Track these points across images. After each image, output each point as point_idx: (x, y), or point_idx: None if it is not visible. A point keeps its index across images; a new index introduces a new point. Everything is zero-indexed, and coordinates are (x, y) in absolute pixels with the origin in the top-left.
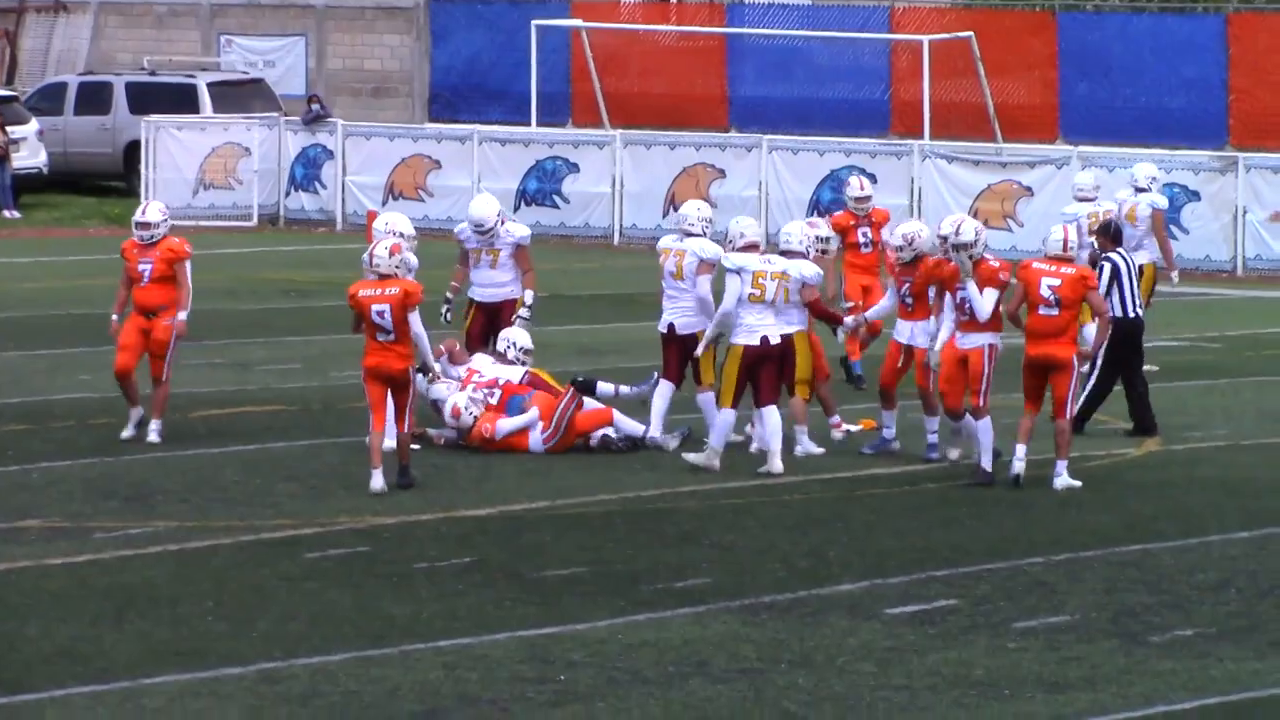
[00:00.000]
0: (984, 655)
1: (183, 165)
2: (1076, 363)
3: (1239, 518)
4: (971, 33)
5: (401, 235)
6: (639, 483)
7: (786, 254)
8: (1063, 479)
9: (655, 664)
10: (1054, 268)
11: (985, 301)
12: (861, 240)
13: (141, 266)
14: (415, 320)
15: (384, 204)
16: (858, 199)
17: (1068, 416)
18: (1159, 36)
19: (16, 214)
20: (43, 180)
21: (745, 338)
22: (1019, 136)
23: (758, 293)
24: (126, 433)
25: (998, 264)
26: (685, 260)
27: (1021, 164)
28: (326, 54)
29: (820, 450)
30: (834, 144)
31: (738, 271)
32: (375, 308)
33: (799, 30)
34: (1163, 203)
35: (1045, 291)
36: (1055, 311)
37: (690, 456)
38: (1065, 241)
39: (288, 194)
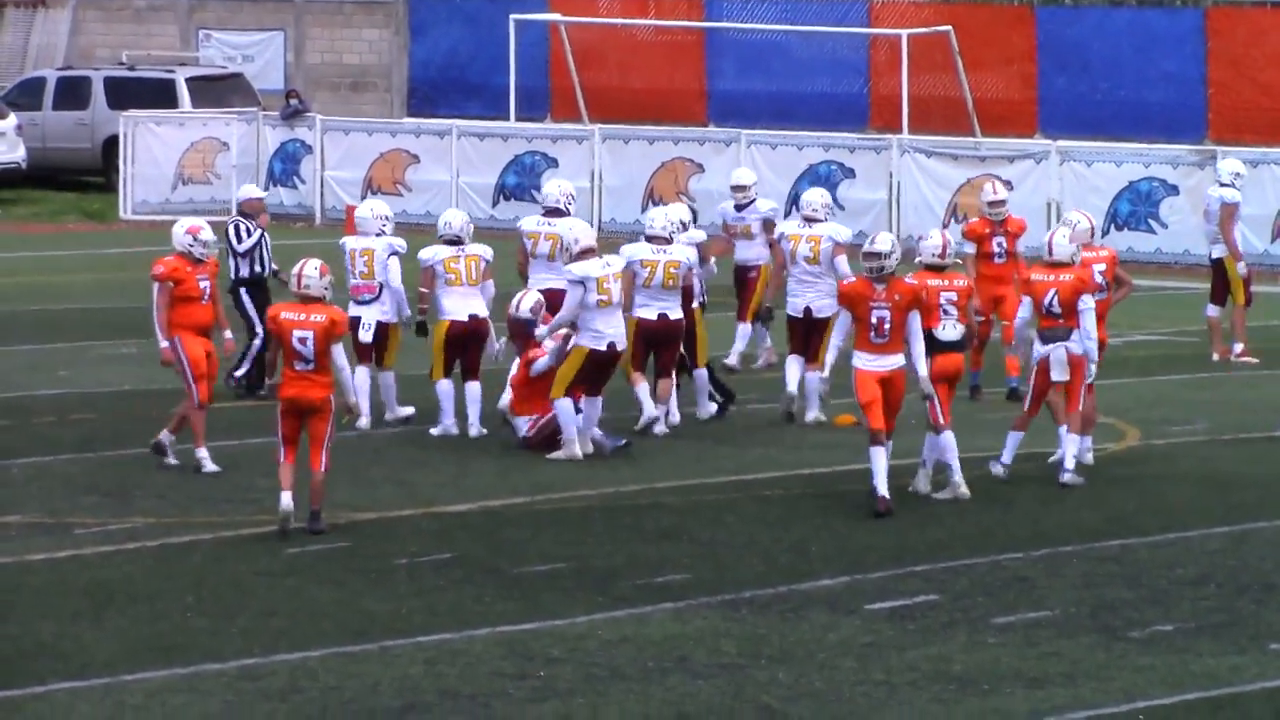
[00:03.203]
0: (963, 650)
1: (161, 160)
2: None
3: (1219, 512)
4: (950, 27)
5: (385, 219)
6: (618, 478)
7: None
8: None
9: (635, 660)
10: (1095, 253)
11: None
12: (996, 250)
13: (203, 284)
14: (339, 352)
15: (362, 199)
16: (992, 204)
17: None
18: (1138, 30)
19: None
20: (21, 175)
21: (592, 342)
22: (997, 131)
23: (605, 298)
24: (211, 467)
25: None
26: (821, 245)
27: (1000, 158)
28: (305, 48)
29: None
30: (812, 139)
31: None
32: (298, 334)
33: (777, 25)
34: (1232, 196)
35: (1099, 277)
36: (1103, 295)
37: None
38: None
39: (266, 189)
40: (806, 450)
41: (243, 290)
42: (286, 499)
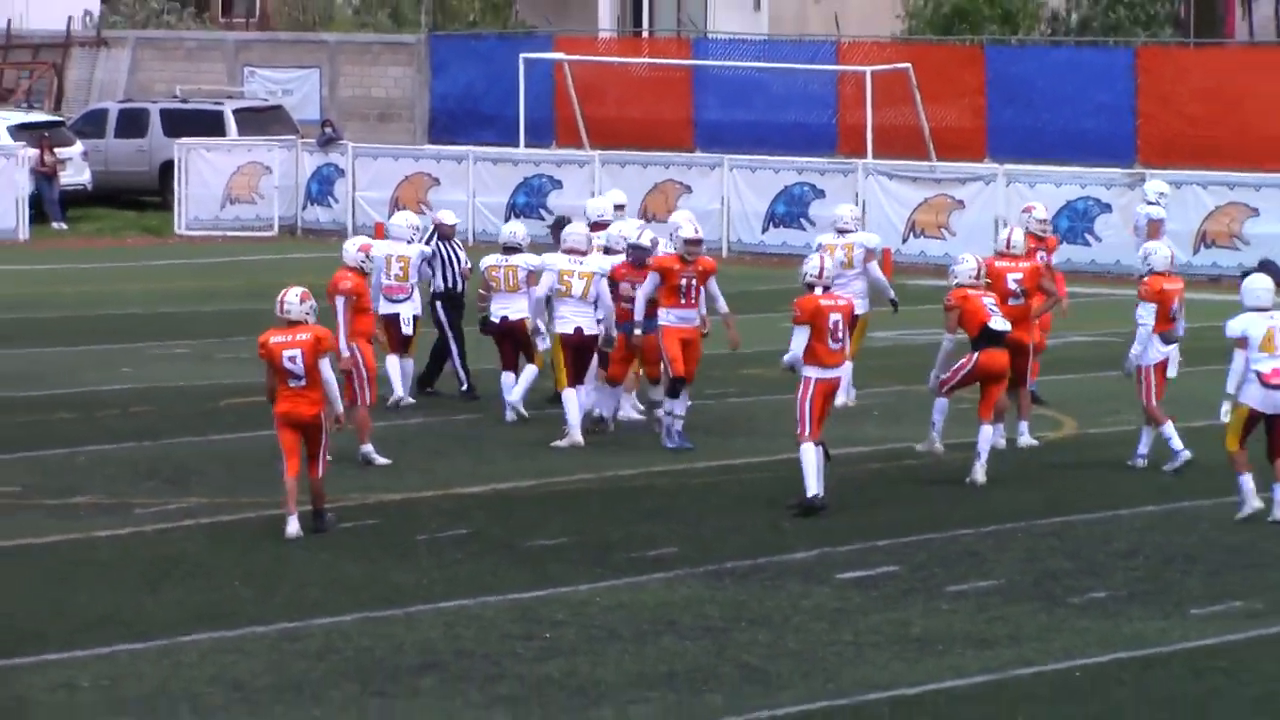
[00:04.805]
0: (921, 615)
1: (211, 182)
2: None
3: (1147, 493)
4: (909, 64)
5: (416, 228)
6: (616, 463)
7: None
8: (1025, 438)
9: (630, 623)
10: (1014, 263)
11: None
12: (1040, 262)
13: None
14: (326, 367)
15: (389, 217)
16: (1041, 221)
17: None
18: (1076, 67)
19: (64, 226)
20: (87, 196)
21: (559, 327)
22: (951, 156)
23: (563, 289)
24: (381, 460)
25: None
26: (854, 251)
27: (954, 180)
28: (338, 84)
29: (640, 416)
30: (787, 163)
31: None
32: (287, 354)
33: (756, 62)
34: (1157, 213)
35: (1011, 284)
36: (1022, 300)
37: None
38: (1008, 241)
39: (304, 207)
40: (782, 439)
41: (437, 303)
42: (293, 527)
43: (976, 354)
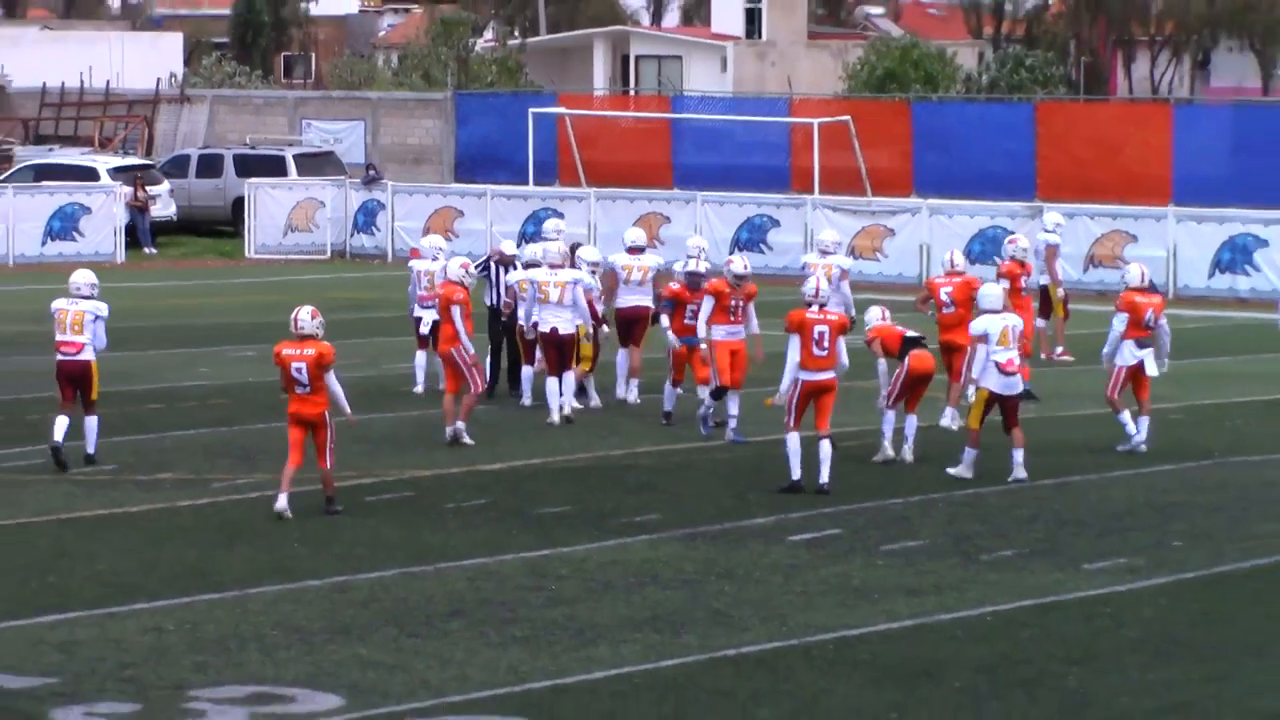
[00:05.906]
0: (860, 570)
1: (275, 215)
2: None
3: (1045, 469)
4: (849, 117)
5: (440, 249)
6: (609, 445)
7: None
8: (945, 420)
9: (621, 577)
10: (949, 280)
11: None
12: (1024, 286)
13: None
14: (331, 378)
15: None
16: (1023, 249)
17: (962, 380)
18: (986, 119)
19: (154, 251)
20: (172, 226)
21: (541, 326)
22: (884, 192)
23: (542, 296)
24: (468, 440)
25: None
26: (832, 271)
27: (886, 212)
28: (380, 133)
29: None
30: (749, 198)
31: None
32: (294, 365)
33: (724, 115)
34: (1054, 239)
35: (943, 296)
36: (954, 309)
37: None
38: (951, 261)
39: (351, 235)
40: (750, 426)
41: (488, 314)
42: (282, 501)
43: (905, 361)
